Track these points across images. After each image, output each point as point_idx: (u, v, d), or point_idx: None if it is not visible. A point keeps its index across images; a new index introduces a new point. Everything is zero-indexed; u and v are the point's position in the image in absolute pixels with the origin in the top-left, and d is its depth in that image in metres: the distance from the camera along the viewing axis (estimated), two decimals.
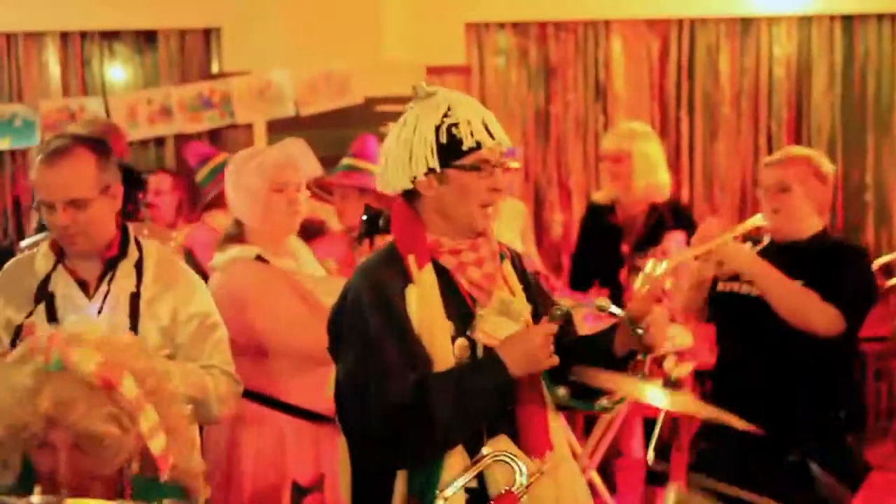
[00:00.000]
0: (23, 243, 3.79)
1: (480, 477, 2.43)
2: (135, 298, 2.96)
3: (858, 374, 4.29)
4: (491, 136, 2.46)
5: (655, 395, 2.48)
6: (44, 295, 2.95)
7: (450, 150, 2.45)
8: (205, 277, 3.35)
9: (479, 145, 2.45)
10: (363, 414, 2.39)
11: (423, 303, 2.44)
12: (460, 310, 2.50)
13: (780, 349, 3.73)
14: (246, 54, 6.37)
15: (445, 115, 2.45)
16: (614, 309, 2.52)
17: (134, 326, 2.92)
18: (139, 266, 3.00)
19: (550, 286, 4.88)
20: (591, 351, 2.60)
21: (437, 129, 2.45)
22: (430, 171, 2.45)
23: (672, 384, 2.23)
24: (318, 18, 6.22)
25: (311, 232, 4.25)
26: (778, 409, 3.69)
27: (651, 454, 2.43)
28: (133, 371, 2.19)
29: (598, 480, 4.91)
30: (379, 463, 2.46)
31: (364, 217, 3.62)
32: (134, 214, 4.04)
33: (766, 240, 3.86)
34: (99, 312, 2.90)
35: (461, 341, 2.47)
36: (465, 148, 2.44)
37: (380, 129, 2.59)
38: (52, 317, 2.92)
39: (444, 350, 2.44)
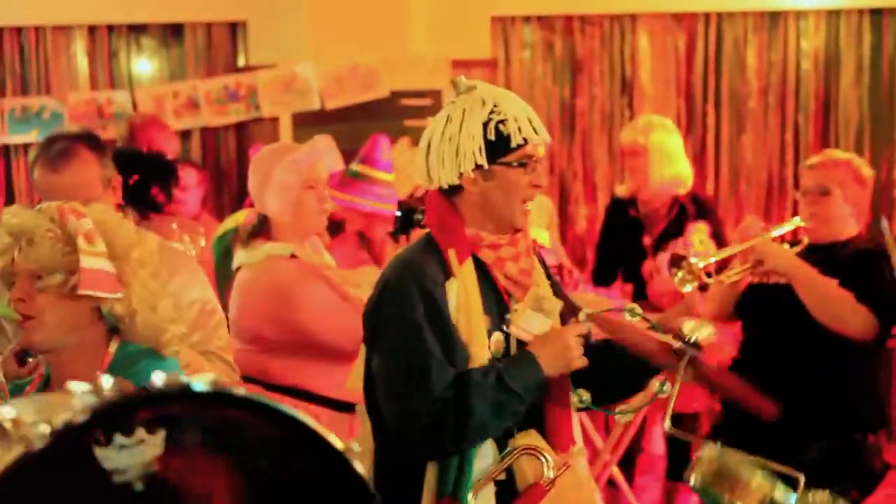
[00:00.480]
0: None
1: (509, 470, 2.46)
2: None
3: (884, 372, 4.26)
4: (535, 131, 2.49)
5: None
6: None
7: (498, 146, 2.47)
8: None
9: (525, 142, 2.47)
10: (404, 405, 2.41)
11: (463, 297, 2.46)
12: (496, 304, 2.52)
13: (804, 342, 3.73)
14: (272, 47, 6.39)
15: (492, 112, 2.47)
16: (644, 315, 2.53)
17: None
18: None
19: (574, 280, 4.88)
20: (622, 356, 2.60)
21: (486, 125, 2.46)
22: (478, 167, 2.47)
23: (694, 345, 2.20)
24: (344, 12, 6.23)
25: (332, 229, 4.25)
26: (797, 404, 3.69)
27: (668, 423, 2.41)
28: (104, 230, 2.33)
29: (619, 476, 4.91)
30: (415, 453, 2.47)
31: (398, 213, 3.62)
32: (164, 206, 4.06)
33: (804, 241, 3.86)
34: None
35: (497, 336, 2.50)
36: (513, 145, 2.47)
37: (405, 122, 2.60)
38: None
39: (481, 344, 2.46)
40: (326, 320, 3.40)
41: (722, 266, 3.99)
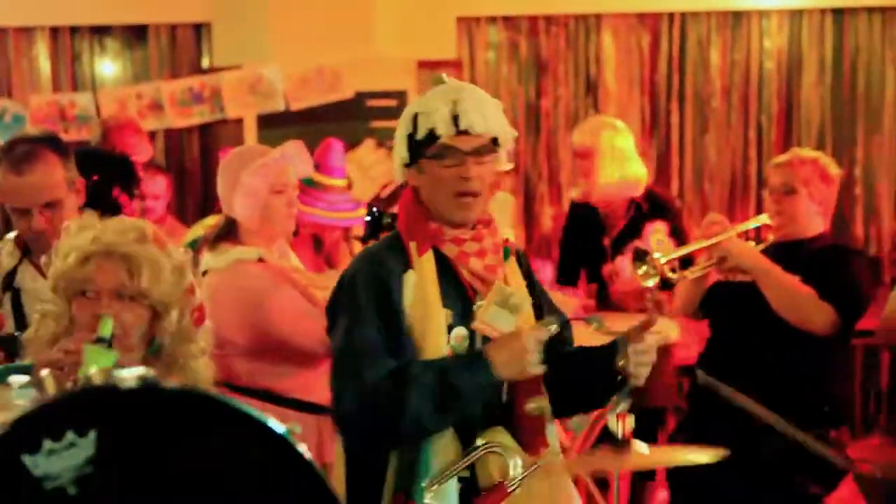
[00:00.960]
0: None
1: (473, 467, 2.42)
2: None
3: (847, 368, 4.30)
4: (456, 125, 2.44)
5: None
6: (9, 287, 2.99)
7: (415, 140, 2.48)
8: None
9: (432, 134, 2.44)
10: (336, 389, 2.40)
11: (419, 288, 2.44)
12: (460, 299, 2.49)
13: (768, 338, 3.76)
14: (236, 49, 6.37)
15: (419, 106, 2.48)
16: (606, 326, 2.47)
17: None
18: None
19: (540, 281, 4.87)
20: (589, 363, 2.57)
21: (406, 120, 2.49)
22: (408, 162, 2.50)
23: (620, 443, 2.19)
24: (309, 13, 6.22)
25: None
26: (761, 400, 3.71)
27: None
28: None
29: (585, 475, 4.91)
30: (350, 441, 2.47)
31: (368, 217, 3.62)
32: (125, 207, 4.03)
33: (770, 239, 3.89)
34: None
35: (460, 331, 2.46)
36: (419, 138, 2.46)
37: (371, 123, 2.61)
38: (18, 311, 2.95)
39: (437, 337, 2.43)
40: (294, 323, 3.40)
41: (686, 262, 4.01)
